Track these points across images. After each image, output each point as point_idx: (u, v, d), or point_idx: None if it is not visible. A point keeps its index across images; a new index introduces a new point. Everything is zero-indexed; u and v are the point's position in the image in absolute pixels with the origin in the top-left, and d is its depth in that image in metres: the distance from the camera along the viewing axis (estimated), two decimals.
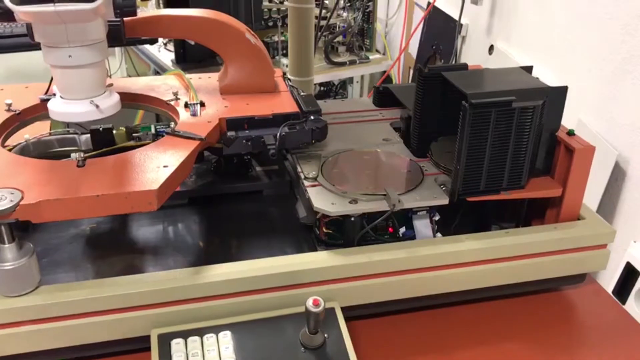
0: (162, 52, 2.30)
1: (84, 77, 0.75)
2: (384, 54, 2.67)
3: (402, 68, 2.76)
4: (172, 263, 0.82)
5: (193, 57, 2.13)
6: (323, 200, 0.78)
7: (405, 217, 0.81)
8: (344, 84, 2.70)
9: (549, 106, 0.80)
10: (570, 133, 0.83)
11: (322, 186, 0.81)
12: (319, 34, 2.22)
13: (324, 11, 2.21)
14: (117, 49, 2.87)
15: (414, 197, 0.79)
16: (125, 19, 0.83)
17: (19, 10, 0.66)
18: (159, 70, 2.26)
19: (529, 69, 0.87)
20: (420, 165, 0.87)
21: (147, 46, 2.36)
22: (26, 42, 0.84)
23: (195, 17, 0.89)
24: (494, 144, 0.78)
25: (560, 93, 0.81)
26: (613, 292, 1.39)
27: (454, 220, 0.87)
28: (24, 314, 0.68)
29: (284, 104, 0.91)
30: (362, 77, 2.63)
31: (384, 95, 1.07)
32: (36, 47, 0.75)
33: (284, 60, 2.25)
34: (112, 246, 0.85)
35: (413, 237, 0.81)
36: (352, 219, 0.78)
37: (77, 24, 0.71)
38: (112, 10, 0.76)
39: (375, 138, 0.95)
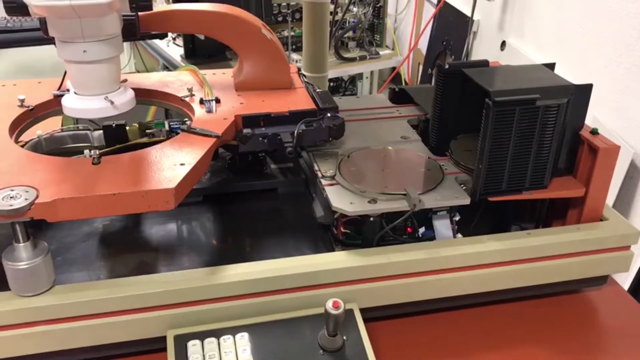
0: (171, 47, 2.28)
1: (98, 72, 0.74)
2: (393, 50, 2.65)
3: (412, 64, 2.74)
4: (186, 262, 0.81)
5: (202, 52, 2.11)
6: (341, 200, 0.76)
7: (425, 217, 0.80)
8: (354, 79, 2.68)
9: (572, 104, 0.78)
10: (594, 132, 0.81)
11: (340, 185, 0.79)
12: (333, 29, 2.20)
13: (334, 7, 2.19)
14: (124, 44, 2.86)
15: (435, 197, 0.78)
16: (139, 13, 0.81)
17: (34, 4, 0.65)
18: (168, 65, 2.24)
19: (551, 66, 0.85)
20: (440, 164, 0.85)
21: (156, 41, 2.34)
22: (35, 37, 0.83)
23: (210, 12, 0.87)
24: (516, 142, 0.76)
25: (584, 91, 0.79)
26: (628, 290, 1.37)
27: (473, 219, 0.85)
28: (38, 314, 0.67)
29: (300, 100, 0.89)
30: (371, 72, 2.61)
31: (399, 95, 1.05)
32: (45, 41, 0.73)
33: (294, 56, 2.23)
34: (126, 244, 0.84)
35: (433, 238, 0.80)
36: (372, 219, 0.76)
37: (93, 19, 0.69)
38: (127, 5, 0.74)
39: (393, 136, 0.94)
